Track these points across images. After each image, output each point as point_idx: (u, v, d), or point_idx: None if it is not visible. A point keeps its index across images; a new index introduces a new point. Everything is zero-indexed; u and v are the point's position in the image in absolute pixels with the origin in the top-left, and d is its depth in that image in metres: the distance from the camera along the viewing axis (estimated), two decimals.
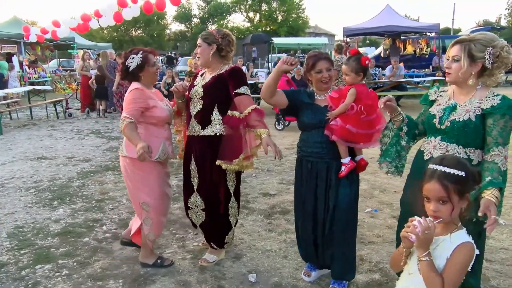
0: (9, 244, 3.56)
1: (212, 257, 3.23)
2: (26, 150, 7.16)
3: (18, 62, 15.47)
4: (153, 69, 2.98)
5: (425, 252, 1.56)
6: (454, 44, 2.15)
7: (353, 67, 2.59)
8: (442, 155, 1.76)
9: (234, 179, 3.09)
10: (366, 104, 2.55)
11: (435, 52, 15.52)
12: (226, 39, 3.00)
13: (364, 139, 2.59)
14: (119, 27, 43.26)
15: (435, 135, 2.24)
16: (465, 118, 2.11)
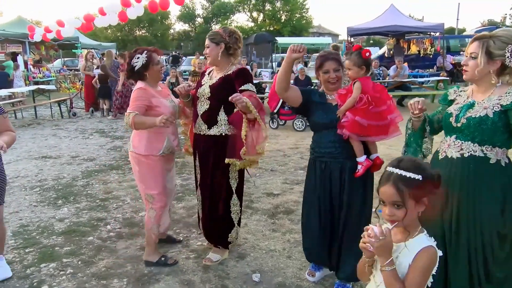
0: (14, 243, 3.58)
1: (216, 256, 3.24)
2: (31, 149, 7.19)
3: (23, 61, 15.54)
4: (158, 68, 3.07)
5: (387, 261, 1.47)
6: (473, 41, 2.06)
7: (355, 61, 2.56)
8: (400, 157, 1.62)
9: (237, 177, 3.10)
10: (372, 95, 2.52)
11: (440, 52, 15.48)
12: (233, 37, 3.02)
13: (377, 131, 2.53)
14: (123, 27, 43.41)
15: (451, 134, 2.16)
16: (481, 114, 2.02)
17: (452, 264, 2.13)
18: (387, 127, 2.55)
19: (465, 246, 2.08)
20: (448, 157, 2.14)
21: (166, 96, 3.18)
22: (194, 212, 4.26)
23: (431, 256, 1.49)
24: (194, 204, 4.49)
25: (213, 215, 3.14)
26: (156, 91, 3.10)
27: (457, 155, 2.10)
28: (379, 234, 1.45)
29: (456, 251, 2.11)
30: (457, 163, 2.09)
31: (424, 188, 1.49)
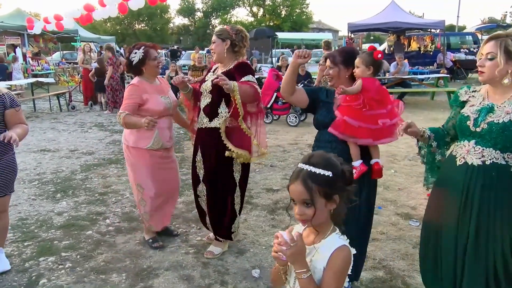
0: (12, 236, 3.57)
1: (217, 249, 3.27)
2: (29, 143, 7.15)
3: (21, 54, 15.45)
4: (154, 63, 3.17)
5: (302, 268, 1.37)
6: (488, 40, 1.98)
7: (365, 59, 2.52)
8: (311, 152, 1.52)
9: (240, 170, 3.14)
10: (370, 97, 2.46)
11: (440, 49, 15.45)
12: (240, 35, 3.06)
13: (366, 134, 2.46)
14: (122, 20, 43.24)
15: (469, 138, 2.05)
16: (505, 120, 1.93)
17: (468, 276, 2.05)
18: (379, 131, 2.47)
19: (483, 257, 2.00)
20: (468, 163, 2.04)
21: (163, 91, 3.26)
22: (194, 207, 4.22)
23: (345, 257, 1.41)
24: (193, 199, 4.44)
25: (219, 208, 3.18)
26: (152, 86, 3.19)
27: (479, 162, 2.00)
28: (290, 240, 1.35)
29: (473, 260, 2.03)
30: (479, 171, 2.01)
31: (334, 185, 1.40)
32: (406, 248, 3.36)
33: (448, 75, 12.55)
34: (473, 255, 2.03)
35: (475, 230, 2.01)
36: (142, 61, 3.13)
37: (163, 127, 3.21)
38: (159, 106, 3.15)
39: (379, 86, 2.55)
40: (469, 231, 2.04)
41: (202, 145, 3.15)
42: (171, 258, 3.22)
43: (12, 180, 2.96)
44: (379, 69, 2.59)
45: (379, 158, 2.59)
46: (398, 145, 6.66)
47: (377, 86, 2.54)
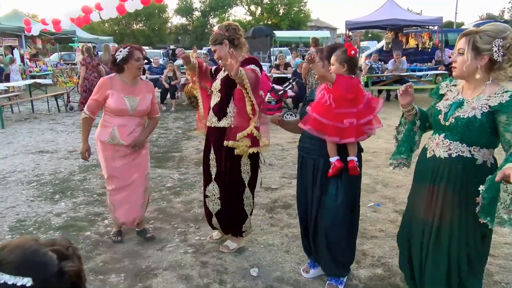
0: (11, 238, 3.56)
1: (233, 244, 3.31)
2: (28, 144, 7.15)
3: (19, 55, 15.42)
4: (136, 64, 3.27)
5: None
6: (461, 37, 2.04)
7: (338, 56, 2.50)
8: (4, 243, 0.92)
9: (249, 171, 3.16)
10: (339, 95, 2.44)
11: (438, 46, 15.44)
12: (231, 29, 3.08)
13: (334, 132, 2.45)
14: (120, 21, 43.14)
15: (440, 132, 2.16)
16: (469, 115, 2.01)
17: (430, 262, 2.18)
18: (345, 130, 2.45)
19: (446, 244, 2.13)
20: (436, 156, 2.15)
21: (133, 92, 3.31)
22: (192, 207, 4.25)
23: None
24: (192, 198, 4.47)
25: (228, 208, 3.22)
26: (123, 85, 3.28)
27: (445, 155, 2.11)
28: None
29: (436, 250, 2.16)
30: (445, 163, 2.11)
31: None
32: None
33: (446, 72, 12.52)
34: (435, 244, 2.16)
35: (438, 219, 2.14)
36: (125, 60, 3.23)
37: (121, 125, 3.30)
38: (117, 104, 3.25)
39: (354, 84, 2.49)
40: (433, 220, 2.16)
41: (214, 143, 3.20)
42: (169, 258, 3.21)
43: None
44: (355, 66, 2.55)
45: (355, 156, 2.56)
46: None
47: (351, 84, 2.48)
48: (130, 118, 3.34)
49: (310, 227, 2.75)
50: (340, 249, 2.68)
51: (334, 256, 2.68)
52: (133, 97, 3.31)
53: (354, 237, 2.79)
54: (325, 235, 2.64)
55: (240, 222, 3.26)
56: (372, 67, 11.52)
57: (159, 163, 5.79)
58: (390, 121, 8.78)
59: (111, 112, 3.30)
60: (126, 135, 3.32)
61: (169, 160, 5.99)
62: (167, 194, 4.64)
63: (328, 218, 2.61)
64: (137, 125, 3.38)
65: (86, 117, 3.32)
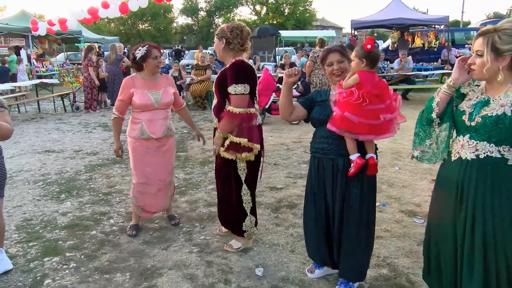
0: (17, 237, 3.59)
1: (237, 244, 3.33)
2: (34, 143, 7.19)
3: (26, 55, 15.53)
4: (154, 62, 3.43)
5: None
6: (477, 37, 1.93)
7: (358, 52, 2.47)
8: None
9: (245, 168, 3.15)
10: (369, 92, 2.40)
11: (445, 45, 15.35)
12: (234, 32, 3.07)
13: (368, 130, 2.41)
14: (126, 21, 43.32)
15: (464, 133, 2.03)
16: (499, 112, 1.88)
17: (466, 269, 2.02)
18: (380, 127, 2.43)
19: (481, 254, 1.96)
20: (462, 158, 2.01)
21: (155, 87, 3.49)
22: (198, 206, 4.26)
23: None
24: (197, 198, 4.48)
25: (226, 206, 3.27)
26: (144, 82, 3.47)
27: (472, 156, 1.97)
28: None
29: (470, 260, 2.00)
30: (473, 165, 1.97)
31: None
32: (411, 246, 3.34)
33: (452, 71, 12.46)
34: (470, 253, 2.00)
35: (471, 227, 1.98)
36: (144, 58, 3.39)
37: (148, 120, 3.46)
38: (142, 100, 3.41)
39: (378, 80, 2.49)
40: (465, 229, 2.01)
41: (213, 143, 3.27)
42: (174, 257, 3.22)
43: (2, 184, 2.92)
44: (374, 60, 2.50)
45: (374, 153, 2.55)
46: (403, 142, 6.64)
47: (376, 80, 2.47)
48: (156, 112, 3.49)
49: (331, 229, 2.67)
50: (364, 252, 2.63)
51: (356, 259, 2.62)
52: (155, 91, 3.47)
53: (373, 239, 2.73)
54: (352, 237, 2.58)
55: (240, 220, 3.25)
56: (378, 66, 11.48)
57: None
58: None
59: (137, 108, 3.46)
60: (155, 129, 3.49)
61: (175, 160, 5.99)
62: None
63: (354, 219, 2.55)
64: (164, 118, 3.54)
65: (115, 117, 3.48)
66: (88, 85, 10.45)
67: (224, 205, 3.30)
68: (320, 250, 2.78)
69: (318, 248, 2.79)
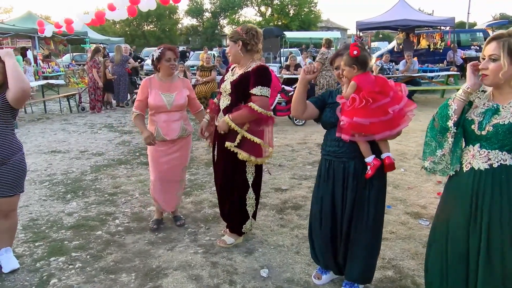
0: (24, 236, 3.61)
1: (230, 240, 3.38)
2: (40, 144, 7.24)
3: (32, 56, 15.63)
4: (167, 64, 3.50)
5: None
6: (490, 41, 1.90)
7: (345, 60, 2.47)
8: None
9: (253, 172, 3.21)
10: (370, 91, 2.40)
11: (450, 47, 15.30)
12: (250, 33, 3.12)
13: (381, 128, 2.39)
14: (131, 22, 43.47)
15: (474, 142, 1.99)
16: (511, 120, 1.85)
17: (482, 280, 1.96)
18: (392, 121, 2.40)
19: (499, 265, 1.91)
20: (474, 169, 1.97)
21: (169, 89, 3.55)
22: (203, 207, 4.26)
23: None
24: (202, 199, 4.49)
25: (228, 205, 3.30)
26: (160, 83, 3.56)
27: (485, 166, 1.93)
28: None
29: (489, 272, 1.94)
30: (487, 175, 1.92)
31: None
32: (416, 248, 3.33)
33: (458, 73, 12.41)
34: (487, 264, 1.94)
35: (487, 240, 1.92)
36: (158, 59, 3.50)
37: (162, 121, 3.54)
38: (155, 101, 3.50)
39: (375, 78, 2.47)
40: (481, 240, 1.94)
41: (218, 143, 3.28)
42: (180, 258, 3.23)
43: (22, 179, 3.02)
44: (364, 63, 2.46)
45: (389, 152, 2.52)
46: (408, 144, 6.62)
47: (372, 78, 2.46)
48: (169, 114, 3.56)
49: (337, 233, 2.66)
50: (372, 255, 2.62)
51: (365, 262, 2.61)
52: (169, 93, 3.54)
53: (381, 241, 2.72)
54: (361, 240, 2.56)
55: (241, 222, 3.32)
56: (383, 68, 11.45)
57: None
58: None
59: (152, 109, 3.56)
60: (168, 131, 3.56)
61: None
62: None
63: (363, 222, 2.54)
64: (177, 120, 3.59)
65: (136, 114, 3.56)
66: (92, 86, 10.53)
67: (226, 206, 3.34)
68: (325, 253, 2.76)
69: (322, 252, 2.77)
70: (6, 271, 3.00)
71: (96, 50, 11.08)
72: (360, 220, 2.56)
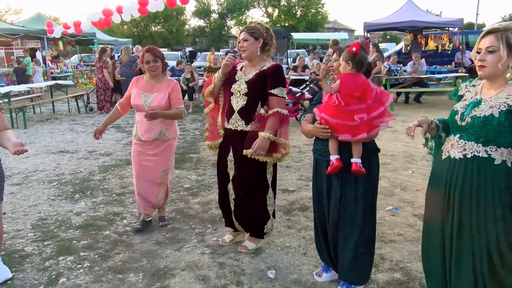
0: (33, 235, 3.64)
1: (251, 245, 3.33)
2: (49, 144, 7.30)
3: (41, 57, 15.78)
4: (146, 66, 3.53)
5: None
6: (486, 34, 1.95)
7: (344, 55, 2.49)
8: None
9: (272, 171, 3.19)
10: (345, 93, 2.41)
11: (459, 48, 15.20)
12: (269, 34, 3.10)
13: (345, 130, 2.41)
14: (139, 23, 43.69)
15: (455, 132, 2.08)
16: (486, 113, 1.93)
17: (455, 270, 2.06)
18: (356, 127, 2.40)
19: (469, 250, 2.00)
20: (450, 157, 2.07)
21: (151, 89, 3.56)
22: (210, 208, 4.27)
23: None
24: (209, 199, 4.50)
25: (251, 208, 3.21)
26: (147, 84, 3.60)
27: (460, 155, 2.02)
28: None
29: (459, 256, 2.04)
30: (460, 164, 2.02)
31: None
32: None
33: (467, 74, 12.32)
34: (457, 251, 2.04)
35: (457, 226, 2.03)
36: (141, 62, 3.59)
37: (140, 121, 3.58)
38: (134, 100, 3.58)
39: (360, 81, 2.45)
40: (452, 227, 2.05)
41: (235, 147, 3.13)
42: (187, 258, 3.24)
43: (2, 188, 2.86)
44: (359, 63, 2.46)
45: (358, 157, 2.48)
46: (416, 146, 6.58)
47: (358, 81, 2.45)
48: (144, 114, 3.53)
49: (328, 230, 2.70)
50: (359, 253, 2.60)
51: (353, 262, 2.61)
52: (149, 93, 3.56)
53: (372, 242, 2.71)
54: (347, 239, 2.59)
55: (263, 223, 3.26)
56: (391, 69, 11.40)
57: (177, 164, 5.81)
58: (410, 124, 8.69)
59: (133, 107, 3.65)
60: (143, 131, 3.58)
61: (187, 161, 6.03)
62: (185, 195, 4.68)
63: (349, 220, 2.57)
64: (152, 122, 3.47)
65: (115, 107, 3.74)
66: (102, 86, 10.60)
67: (248, 210, 3.22)
68: (322, 252, 2.84)
69: (320, 250, 2.86)
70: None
71: (103, 50, 11.15)
72: (344, 220, 2.58)
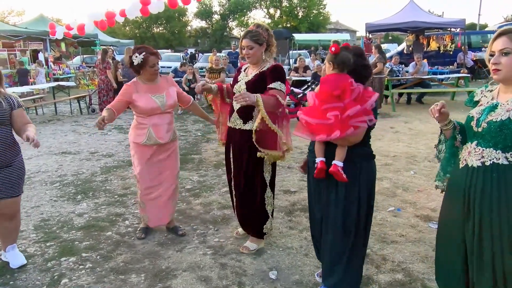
0: (35, 236, 3.65)
1: (253, 245, 3.34)
2: (51, 145, 7.32)
3: (44, 58, 15.82)
4: (151, 70, 3.38)
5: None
6: (499, 36, 1.89)
7: (328, 56, 2.49)
8: None
9: (270, 170, 3.21)
10: (324, 92, 2.37)
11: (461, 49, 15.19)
12: (269, 34, 3.13)
13: (320, 130, 2.34)
14: (141, 24, 43.81)
15: (472, 139, 1.99)
16: (503, 118, 1.84)
17: (476, 273, 2.00)
18: (331, 126, 2.31)
19: (489, 261, 1.93)
20: (468, 166, 1.98)
21: (158, 90, 3.44)
22: (212, 209, 4.28)
23: None
24: (211, 200, 4.50)
25: (249, 207, 3.26)
26: (146, 86, 3.42)
27: (478, 163, 1.94)
28: None
29: (480, 259, 1.98)
30: (478, 172, 1.93)
31: None
32: (426, 251, 3.31)
33: (469, 75, 12.30)
34: (479, 260, 1.97)
35: (478, 236, 1.94)
36: (141, 66, 3.34)
37: (155, 124, 3.41)
38: (147, 105, 3.37)
39: (340, 80, 2.36)
40: (473, 236, 1.97)
41: (234, 145, 3.23)
42: (189, 259, 3.24)
43: (23, 179, 3.13)
44: (341, 63, 2.39)
45: (341, 161, 2.41)
46: (418, 146, 6.58)
47: (336, 81, 2.37)
48: (162, 116, 3.45)
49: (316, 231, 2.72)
50: (336, 260, 2.51)
51: (331, 266, 2.55)
52: (159, 94, 3.44)
53: (356, 254, 2.53)
54: (327, 242, 2.55)
55: (262, 223, 3.28)
56: (393, 70, 11.39)
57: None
58: (412, 125, 8.66)
59: (143, 113, 3.40)
60: (163, 133, 3.45)
61: (189, 162, 6.04)
62: (187, 196, 4.68)
63: (330, 224, 2.52)
64: (169, 123, 3.50)
65: (108, 109, 3.29)
66: (104, 88, 10.61)
67: (245, 209, 3.30)
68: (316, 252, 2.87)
69: (317, 251, 2.86)
70: (15, 267, 3.10)
71: (105, 51, 11.18)
72: (326, 222, 2.55)
